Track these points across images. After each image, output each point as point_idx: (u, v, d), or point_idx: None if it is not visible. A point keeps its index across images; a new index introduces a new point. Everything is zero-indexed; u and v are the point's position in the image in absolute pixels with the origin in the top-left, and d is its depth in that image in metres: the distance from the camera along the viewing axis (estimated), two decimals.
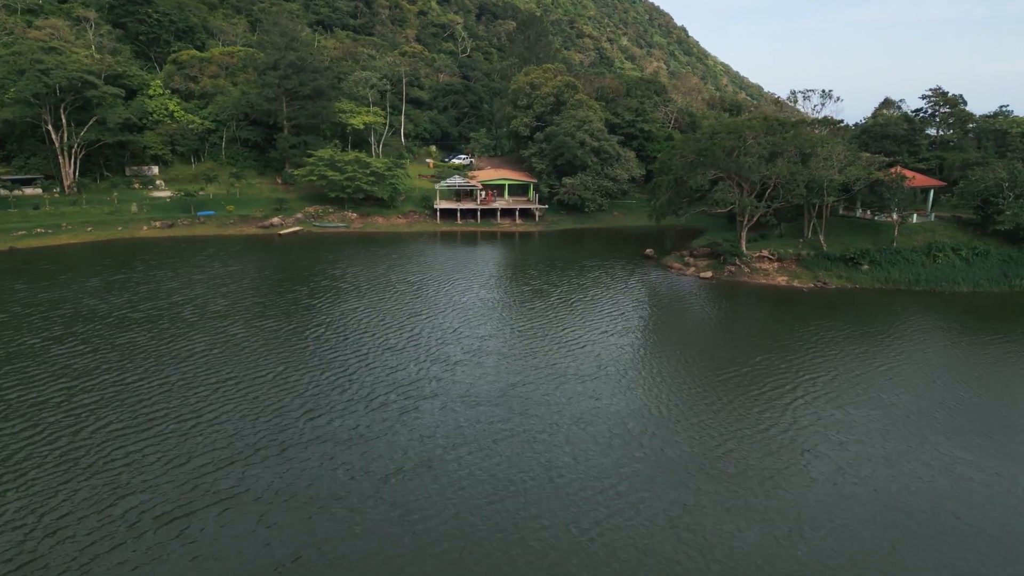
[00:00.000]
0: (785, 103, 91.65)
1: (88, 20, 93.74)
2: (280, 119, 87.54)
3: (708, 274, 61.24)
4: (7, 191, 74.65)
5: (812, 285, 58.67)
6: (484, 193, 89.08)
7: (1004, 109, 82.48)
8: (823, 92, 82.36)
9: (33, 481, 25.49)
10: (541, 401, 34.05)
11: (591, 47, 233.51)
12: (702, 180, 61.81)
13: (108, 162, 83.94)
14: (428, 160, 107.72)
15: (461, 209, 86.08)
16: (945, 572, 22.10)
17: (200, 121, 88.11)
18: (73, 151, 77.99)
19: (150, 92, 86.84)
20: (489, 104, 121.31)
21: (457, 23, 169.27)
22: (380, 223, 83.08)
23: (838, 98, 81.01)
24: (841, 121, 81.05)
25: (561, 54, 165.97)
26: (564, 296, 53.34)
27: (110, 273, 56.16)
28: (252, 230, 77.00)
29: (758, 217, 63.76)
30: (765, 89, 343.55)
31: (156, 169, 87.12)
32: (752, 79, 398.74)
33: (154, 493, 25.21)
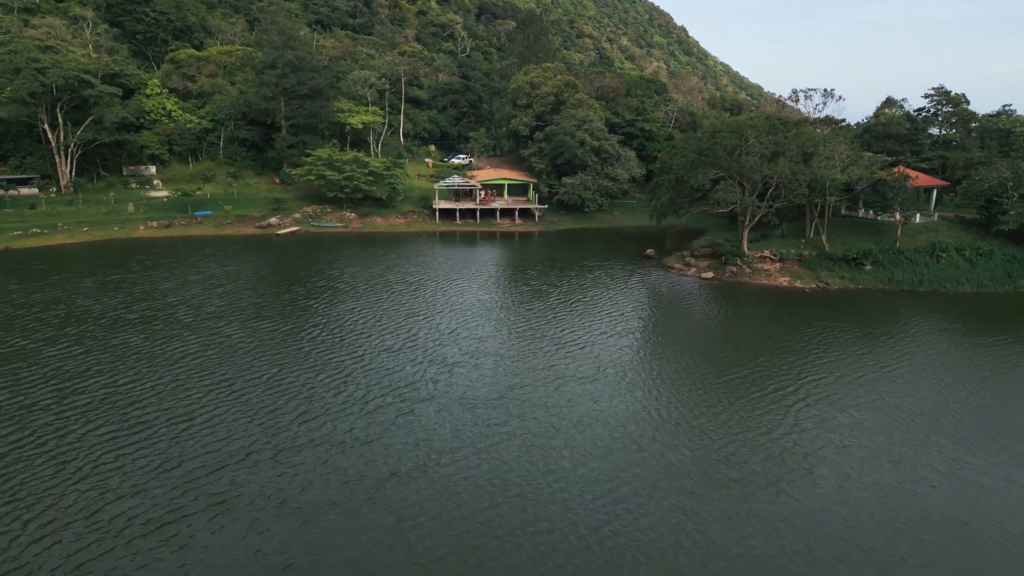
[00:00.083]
0: (787, 103, 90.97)
1: (85, 19, 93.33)
2: (278, 118, 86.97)
3: (709, 274, 60.67)
4: (3, 191, 74.21)
5: (814, 286, 58.11)
6: (483, 193, 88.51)
7: (1007, 108, 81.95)
8: (825, 91, 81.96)
9: (20, 486, 24.93)
10: (540, 404, 33.49)
11: (591, 47, 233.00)
12: (703, 179, 61.24)
13: (105, 162, 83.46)
14: (427, 160, 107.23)
15: (460, 209, 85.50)
16: None
17: (198, 120, 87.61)
18: (69, 150, 77.44)
19: (147, 91, 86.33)
20: (488, 103, 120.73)
21: (457, 23, 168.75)
22: (378, 223, 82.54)
23: (840, 97, 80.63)
24: (843, 120, 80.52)
25: (561, 54, 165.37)
26: (563, 297, 52.78)
27: (105, 273, 55.61)
28: (250, 230, 76.45)
29: (760, 217, 63.21)
30: (765, 89, 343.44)
31: (153, 169, 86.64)
32: (752, 79, 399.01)
33: (144, 498, 24.67)
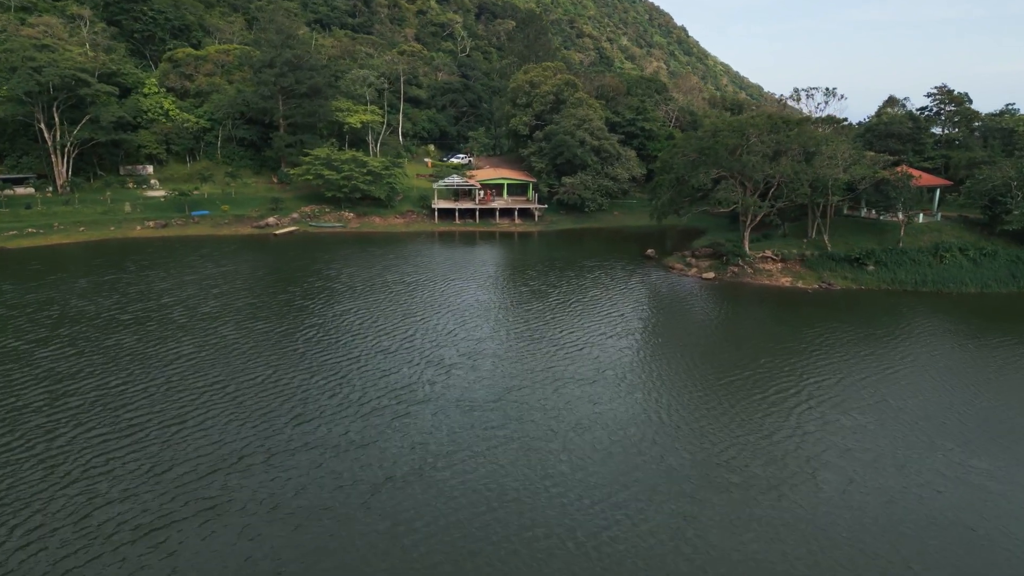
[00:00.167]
0: (788, 102, 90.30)
1: (83, 17, 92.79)
2: (276, 118, 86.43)
3: (710, 275, 60.13)
4: None
5: (816, 286, 57.56)
6: (483, 193, 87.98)
7: (1010, 107, 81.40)
8: (827, 90, 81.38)
9: (7, 490, 24.41)
10: (538, 406, 32.98)
11: (591, 47, 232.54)
12: (704, 179, 60.68)
13: (102, 161, 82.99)
14: (426, 159, 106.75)
15: (459, 209, 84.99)
16: None
17: (195, 120, 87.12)
18: (66, 150, 76.96)
19: (145, 90, 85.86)
20: (488, 103, 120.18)
21: (456, 22, 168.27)
22: (377, 223, 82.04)
23: (842, 96, 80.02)
24: (845, 119, 79.99)
25: (561, 53, 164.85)
26: (563, 297, 52.26)
27: (100, 274, 55.13)
28: (247, 230, 75.95)
29: (761, 217, 62.65)
30: (765, 89, 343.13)
31: (151, 168, 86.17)
32: (752, 79, 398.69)
33: (133, 503, 24.17)
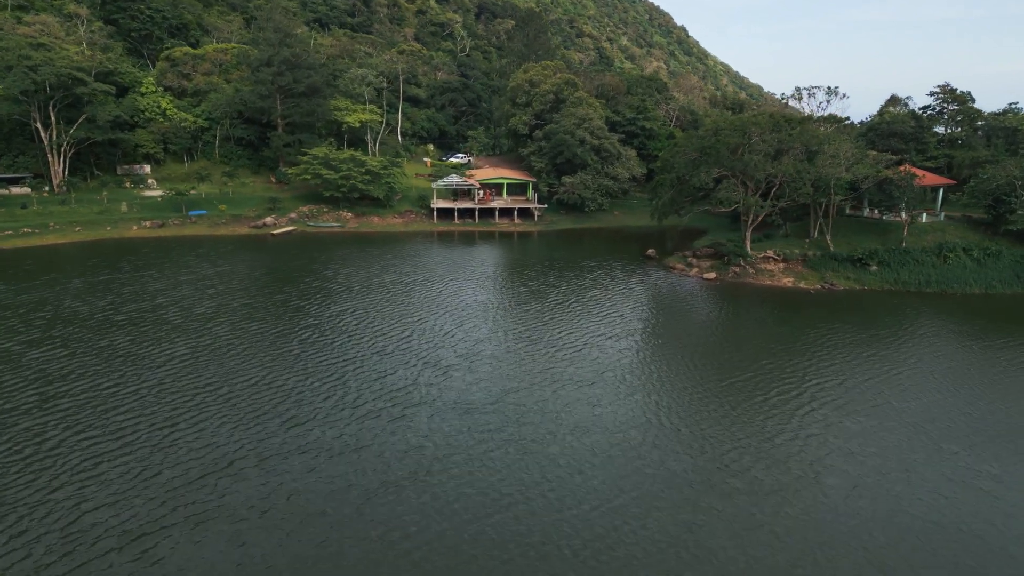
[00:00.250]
0: (789, 101, 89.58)
1: (79, 16, 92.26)
2: (274, 117, 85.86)
3: (711, 275, 59.52)
4: None
5: (819, 286, 56.96)
6: (482, 192, 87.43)
7: (1013, 106, 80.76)
8: (828, 89, 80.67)
9: None
10: (537, 408, 32.39)
11: (591, 47, 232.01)
12: (706, 178, 60.07)
13: (99, 161, 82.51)
14: (425, 159, 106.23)
15: (458, 208, 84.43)
16: None
17: (193, 119, 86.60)
18: (62, 149, 76.48)
19: (142, 89, 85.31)
20: (488, 102, 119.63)
21: (456, 22, 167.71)
22: (376, 223, 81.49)
23: (844, 95, 79.32)
24: (847, 118, 79.38)
25: (560, 52, 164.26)
26: (562, 298, 51.68)
27: (95, 274, 54.57)
28: (244, 230, 75.39)
29: (763, 217, 62.03)
30: (765, 89, 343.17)
31: (148, 168, 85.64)
32: (752, 79, 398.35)
33: (121, 508, 23.59)
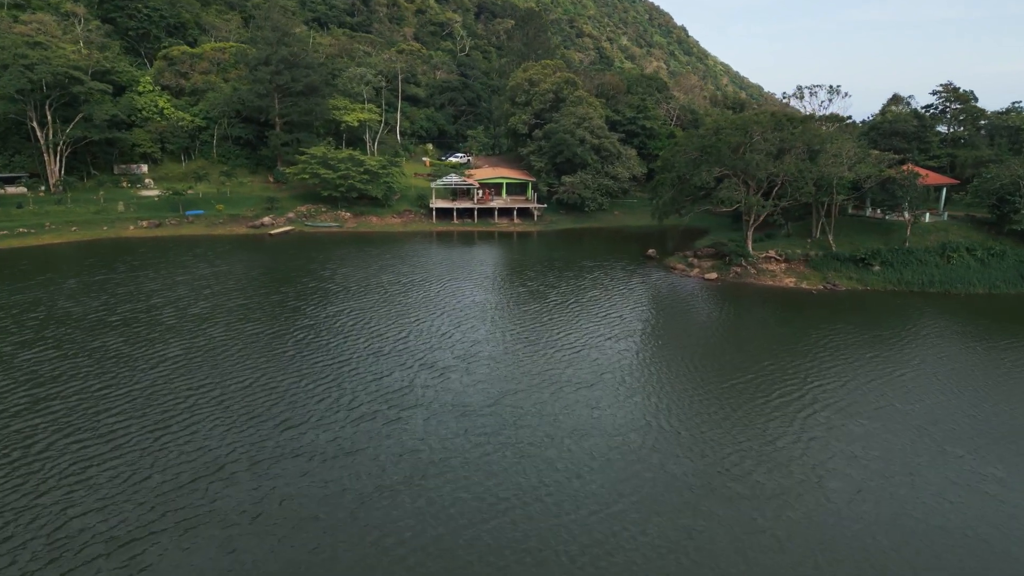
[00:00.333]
0: (791, 100, 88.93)
1: (76, 15, 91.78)
2: (272, 116, 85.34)
3: (713, 275, 58.96)
4: None
5: (821, 287, 56.39)
6: (481, 192, 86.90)
7: (1017, 105, 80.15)
8: (830, 87, 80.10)
9: None
10: (535, 411, 31.83)
11: (591, 46, 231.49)
12: (707, 177, 59.54)
13: (96, 160, 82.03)
14: (424, 158, 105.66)
15: (457, 208, 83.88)
16: None
17: (190, 118, 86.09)
18: (59, 149, 75.99)
19: (139, 89, 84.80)
20: (487, 102, 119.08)
21: (456, 21, 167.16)
22: (374, 222, 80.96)
23: (846, 94, 78.78)
24: (849, 117, 78.88)
25: (560, 52, 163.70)
26: (562, 298, 51.13)
27: (90, 274, 54.05)
28: (242, 230, 74.87)
29: (764, 216, 61.45)
30: (765, 89, 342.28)
31: (145, 167, 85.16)
32: (752, 79, 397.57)
33: (109, 514, 23.05)
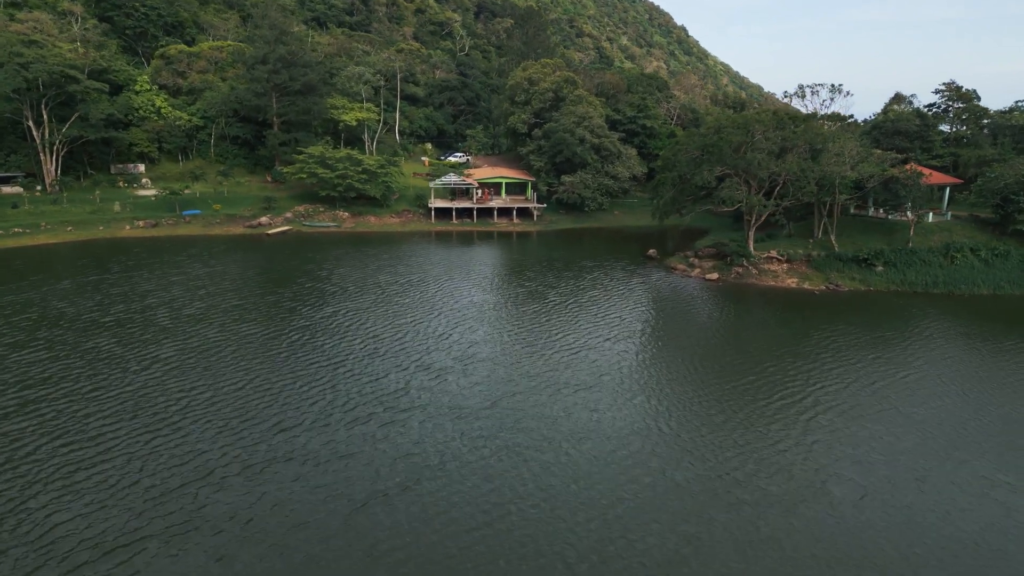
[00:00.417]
0: (793, 98, 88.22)
1: (73, 14, 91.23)
2: (270, 115, 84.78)
3: (714, 276, 58.33)
4: None
5: (824, 287, 55.78)
6: (480, 192, 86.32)
7: (1020, 104, 79.45)
8: (832, 86, 79.44)
9: None
10: (534, 414, 31.22)
11: (591, 46, 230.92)
12: (708, 177, 58.91)
13: (92, 160, 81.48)
14: (423, 158, 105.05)
15: (456, 208, 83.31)
16: None
17: (188, 117, 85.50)
18: (55, 148, 75.41)
19: (137, 88, 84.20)
20: (487, 101, 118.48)
21: (455, 21, 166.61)
22: (372, 222, 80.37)
23: (848, 92, 78.03)
24: (851, 116, 78.22)
25: (560, 51, 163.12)
26: (561, 299, 50.52)
27: (84, 274, 53.47)
28: (239, 230, 74.28)
29: (766, 216, 60.80)
30: (765, 89, 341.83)
31: (142, 167, 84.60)
32: (752, 79, 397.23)
33: (96, 519, 22.44)
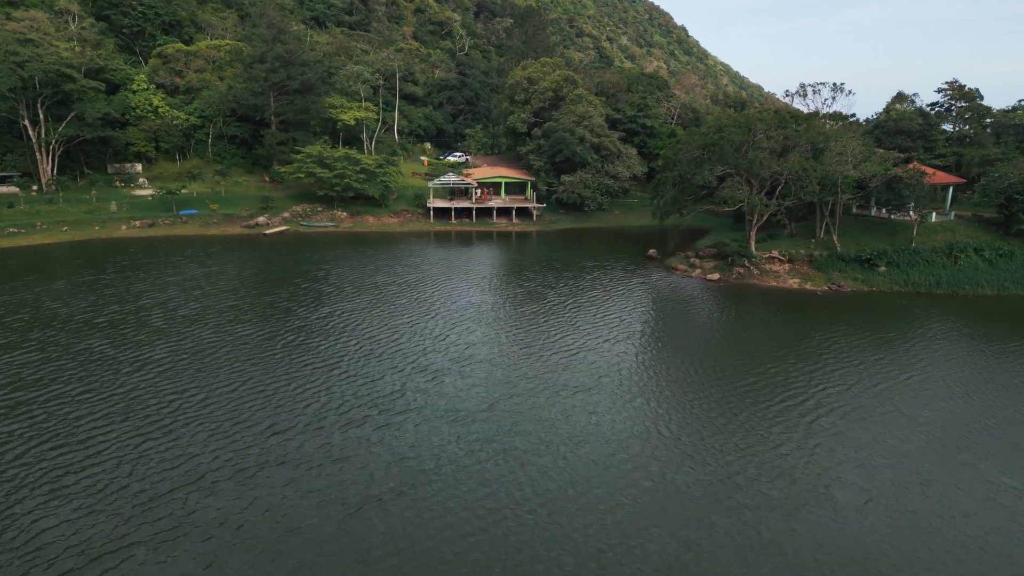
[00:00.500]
0: (794, 97, 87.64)
1: (70, 13, 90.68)
2: (268, 114, 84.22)
3: (715, 276, 57.78)
4: None
5: (826, 288, 55.22)
6: (480, 191, 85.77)
7: (1023, 103, 78.95)
8: (834, 85, 78.88)
9: None
10: (532, 416, 30.68)
11: (591, 46, 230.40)
12: (709, 176, 58.36)
13: (89, 159, 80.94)
14: (422, 158, 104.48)
15: (455, 208, 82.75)
16: None
17: (185, 117, 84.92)
18: (51, 147, 74.85)
19: (134, 87, 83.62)
20: (486, 100, 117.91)
21: (455, 20, 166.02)
22: (371, 222, 79.81)
23: (850, 91, 77.37)
24: (853, 115, 77.66)
25: (560, 50, 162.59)
26: (561, 299, 49.98)
27: (79, 275, 52.92)
28: (236, 230, 73.73)
29: (768, 216, 60.22)
30: (766, 89, 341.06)
31: (139, 167, 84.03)
32: (752, 79, 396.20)
33: (83, 525, 21.93)
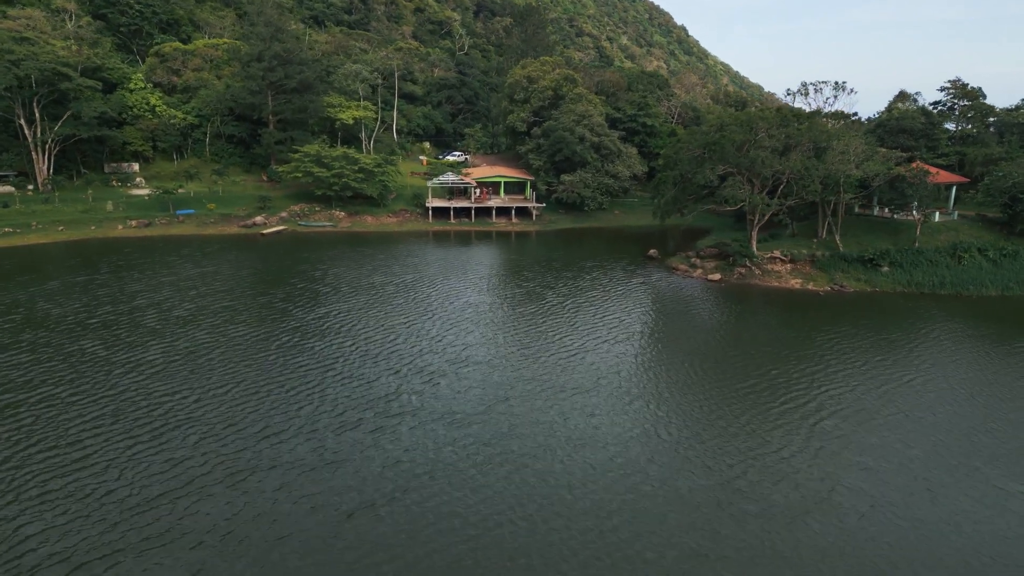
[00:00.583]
0: (796, 96, 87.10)
1: (67, 11, 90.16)
2: (265, 114, 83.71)
3: (716, 276, 57.21)
4: None
5: (828, 288, 54.65)
6: (479, 191, 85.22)
7: None
8: (836, 84, 78.32)
9: None
10: (531, 419, 30.11)
11: (591, 45, 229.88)
12: (710, 175, 57.79)
13: (85, 158, 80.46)
14: (421, 157, 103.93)
15: (455, 208, 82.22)
16: None
17: (183, 116, 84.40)
18: (47, 147, 74.34)
19: (131, 86, 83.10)
20: (485, 99, 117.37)
21: (454, 20, 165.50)
22: (369, 222, 79.28)
23: (852, 90, 76.84)
24: (855, 114, 77.07)
25: (560, 50, 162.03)
26: (560, 300, 49.42)
27: (73, 275, 52.38)
28: (234, 229, 73.19)
29: (769, 216, 59.64)
30: (766, 89, 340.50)
31: (136, 166, 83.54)
32: (752, 79, 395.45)
33: (68, 531, 21.40)
